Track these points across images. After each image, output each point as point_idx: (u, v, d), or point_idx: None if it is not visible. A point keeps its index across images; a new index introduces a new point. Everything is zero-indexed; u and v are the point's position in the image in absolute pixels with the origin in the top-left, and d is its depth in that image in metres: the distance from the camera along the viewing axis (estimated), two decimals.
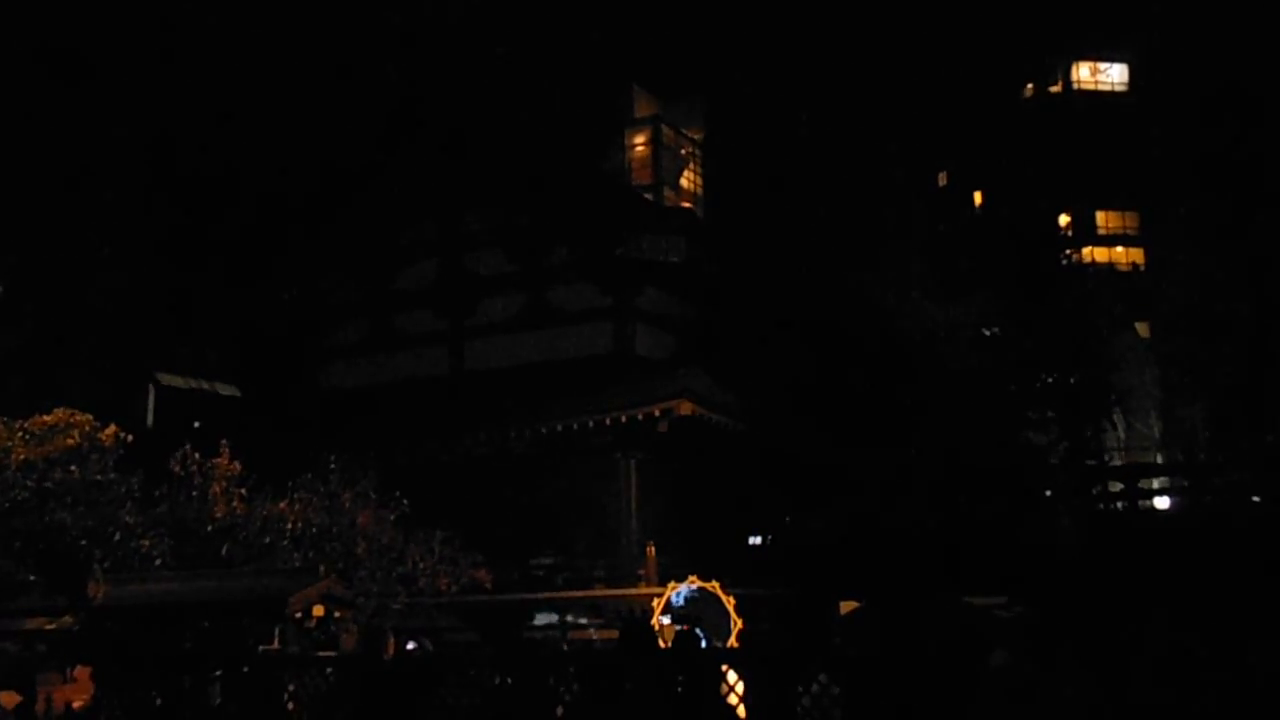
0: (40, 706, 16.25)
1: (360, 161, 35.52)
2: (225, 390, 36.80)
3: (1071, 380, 31.46)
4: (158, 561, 21.09)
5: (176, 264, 36.58)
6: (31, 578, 21.22)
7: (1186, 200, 37.39)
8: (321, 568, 19.06)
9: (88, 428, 22.21)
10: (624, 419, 27.61)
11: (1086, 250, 50.08)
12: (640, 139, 57.92)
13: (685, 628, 17.80)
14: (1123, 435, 38.81)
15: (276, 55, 40.68)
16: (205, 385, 36.70)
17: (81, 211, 35.80)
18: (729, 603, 22.16)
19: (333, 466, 22.92)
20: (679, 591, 22.22)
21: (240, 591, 18.21)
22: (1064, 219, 41.90)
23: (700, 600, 22.10)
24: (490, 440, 29.03)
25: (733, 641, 21.47)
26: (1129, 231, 58.07)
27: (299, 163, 38.40)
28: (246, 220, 36.83)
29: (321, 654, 16.58)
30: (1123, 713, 10.28)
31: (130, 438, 22.78)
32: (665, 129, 57.41)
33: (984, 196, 56.05)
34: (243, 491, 22.22)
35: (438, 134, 34.21)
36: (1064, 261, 34.95)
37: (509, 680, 13.16)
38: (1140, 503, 26.49)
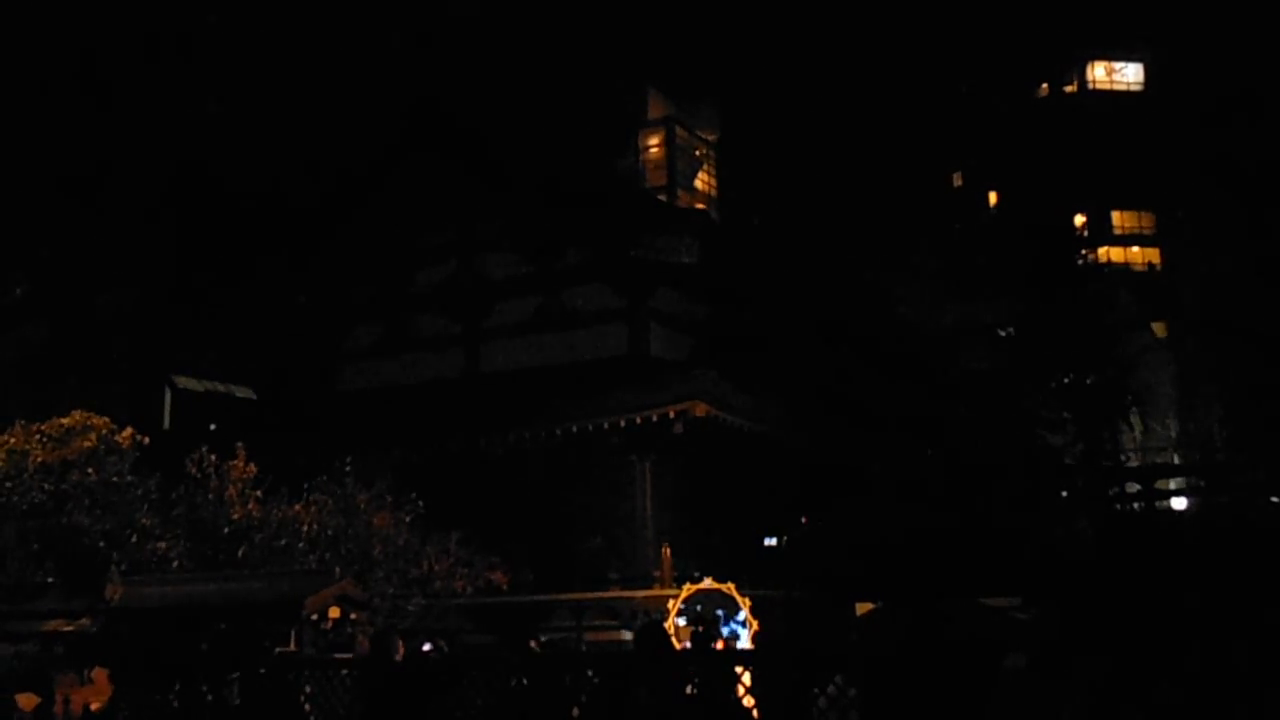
0: (58, 708, 16.24)
1: (375, 164, 35.56)
2: (241, 393, 36.94)
3: (1087, 381, 31.41)
4: (175, 563, 21.18)
5: (192, 267, 36.71)
6: (49, 579, 21.33)
7: (1202, 200, 37.30)
8: (337, 570, 19.09)
9: (105, 430, 22.29)
10: (639, 420, 27.52)
11: (1102, 250, 50.04)
12: (654, 140, 57.99)
13: (702, 629, 17.80)
14: (1139, 436, 38.73)
15: (291, 58, 40.81)
16: (221, 388, 36.86)
17: (98, 215, 35.96)
18: (745, 604, 22.13)
19: (348, 469, 22.93)
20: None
21: (256, 593, 18.24)
22: (1079, 219, 41.78)
23: (715, 602, 22.08)
24: (505, 442, 28.99)
25: (748, 643, 21.44)
26: (1145, 231, 57.96)
27: (314, 165, 38.51)
28: (262, 223, 36.92)
29: (338, 656, 16.60)
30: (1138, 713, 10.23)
31: (147, 440, 22.87)
32: (679, 130, 57.50)
33: (999, 197, 55.96)
34: (259, 494, 22.23)
35: (452, 136, 34.23)
36: (1080, 262, 34.90)
37: (524, 681, 13.15)
38: (1157, 503, 26.41)
